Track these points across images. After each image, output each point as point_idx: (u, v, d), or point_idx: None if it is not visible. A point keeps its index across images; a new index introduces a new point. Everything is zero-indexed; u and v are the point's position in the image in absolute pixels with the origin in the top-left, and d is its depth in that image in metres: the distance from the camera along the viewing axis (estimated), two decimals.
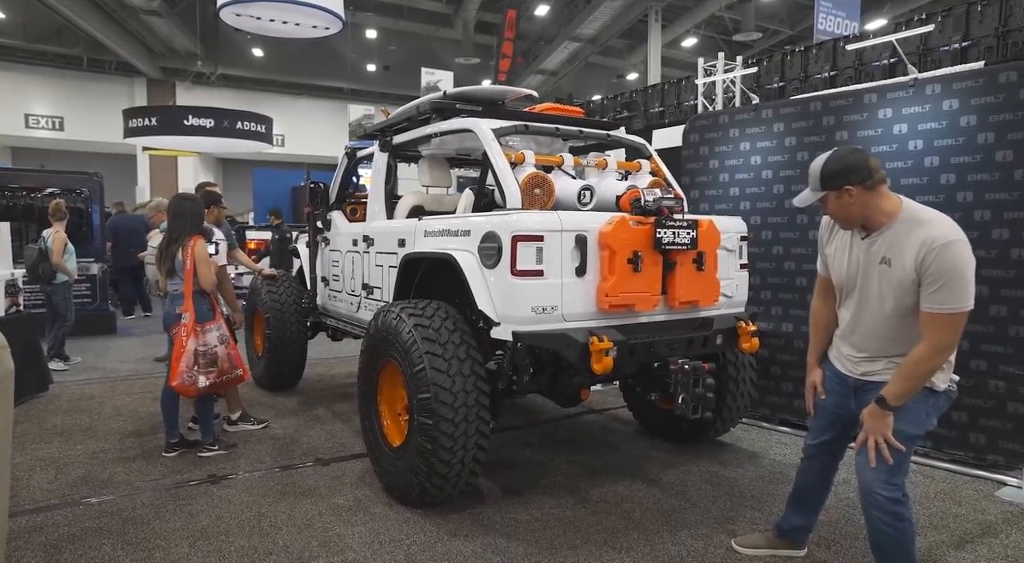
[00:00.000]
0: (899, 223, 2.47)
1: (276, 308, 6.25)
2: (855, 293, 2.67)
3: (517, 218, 3.55)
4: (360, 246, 5.17)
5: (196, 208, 4.57)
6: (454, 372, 3.57)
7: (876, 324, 2.60)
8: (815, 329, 3.03)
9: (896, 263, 2.45)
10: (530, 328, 3.53)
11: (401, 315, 3.80)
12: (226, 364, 4.46)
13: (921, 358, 2.40)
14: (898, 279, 2.45)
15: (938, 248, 2.33)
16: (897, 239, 2.47)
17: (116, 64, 28.16)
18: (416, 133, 4.76)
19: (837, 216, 2.59)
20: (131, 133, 24.20)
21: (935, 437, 4.54)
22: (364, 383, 4.27)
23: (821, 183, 2.53)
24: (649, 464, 4.63)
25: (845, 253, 2.69)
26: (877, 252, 2.53)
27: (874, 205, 2.49)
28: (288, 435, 5.16)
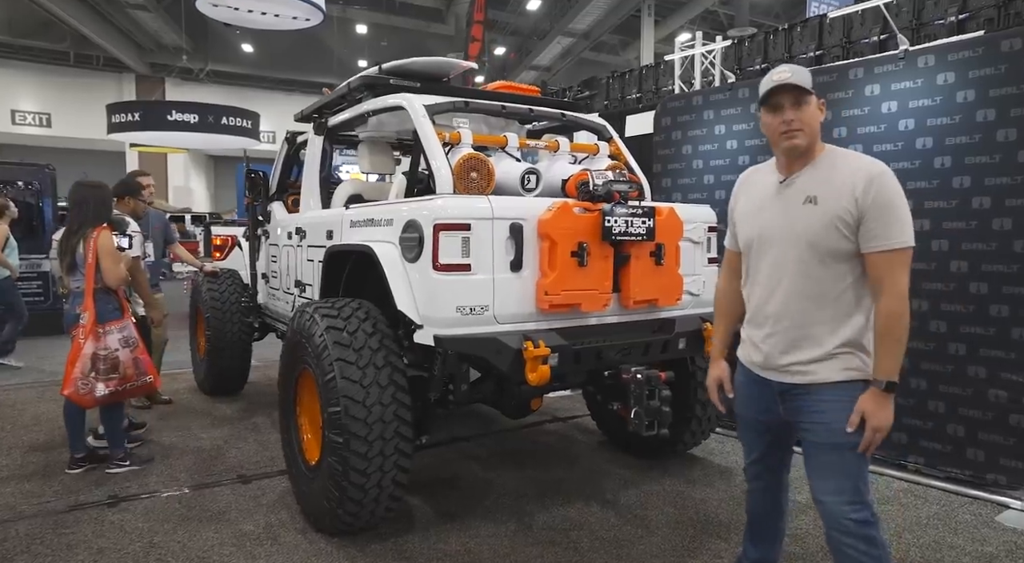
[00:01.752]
0: (824, 158, 2.17)
1: (216, 307, 5.78)
2: (767, 254, 2.24)
3: (440, 204, 3.06)
4: (294, 239, 4.68)
5: (99, 195, 4.08)
6: (369, 382, 3.09)
7: (796, 284, 2.16)
8: (719, 314, 2.60)
9: (825, 200, 2.09)
10: (455, 331, 3.04)
11: (315, 316, 3.31)
12: (130, 370, 3.97)
13: (892, 312, 2.02)
14: (828, 218, 2.07)
15: (877, 176, 2.04)
16: (823, 174, 2.13)
17: (104, 60, 27.77)
18: (350, 113, 4.28)
19: (807, 125, 2.11)
20: (114, 129, 23.80)
21: (928, 452, 4.05)
22: (283, 391, 3.80)
23: (813, 85, 2.15)
24: (608, 482, 4.14)
25: (757, 207, 2.31)
26: (799, 191, 2.16)
27: (818, 137, 2.18)
28: (215, 447, 4.67)
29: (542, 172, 3.77)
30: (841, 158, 2.13)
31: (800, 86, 2.09)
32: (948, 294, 3.93)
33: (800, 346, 2.15)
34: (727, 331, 2.55)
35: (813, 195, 2.10)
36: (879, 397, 2.03)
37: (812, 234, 2.08)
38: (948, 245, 3.92)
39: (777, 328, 2.20)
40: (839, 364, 2.11)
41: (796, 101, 2.10)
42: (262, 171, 5.46)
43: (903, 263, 2.01)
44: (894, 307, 2.00)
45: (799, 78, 2.10)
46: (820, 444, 2.14)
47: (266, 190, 5.47)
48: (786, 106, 2.11)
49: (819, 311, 2.12)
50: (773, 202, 2.22)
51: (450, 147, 3.63)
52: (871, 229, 2.01)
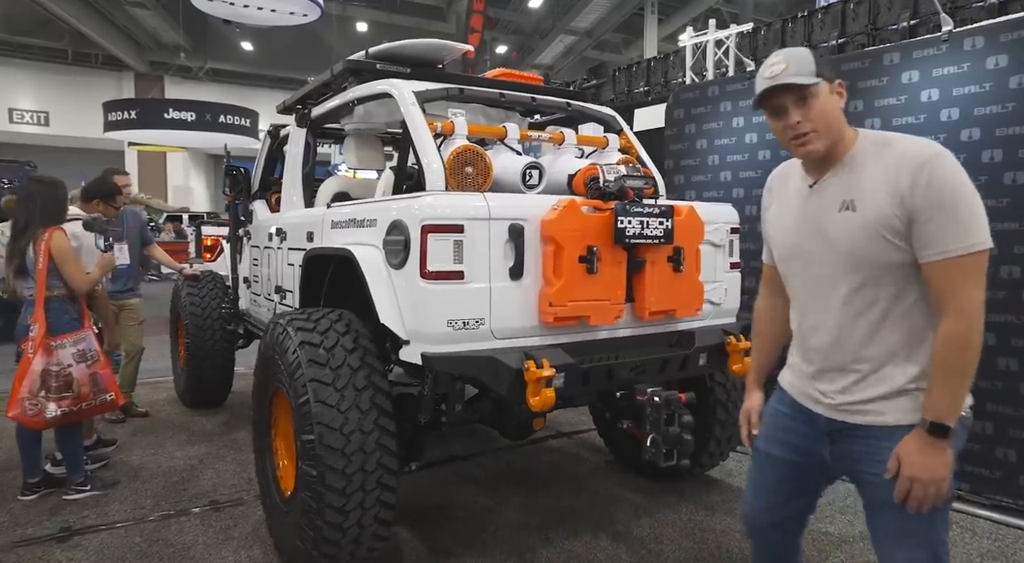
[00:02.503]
0: (859, 150, 1.70)
1: (196, 313, 5.39)
2: (807, 274, 1.82)
3: (429, 202, 2.67)
4: (274, 241, 4.29)
5: (49, 192, 3.68)
6: (347, 406, 2.70)
7: (847, 310, 1.72)
8: (757, 337, 2.16)
9: (865, 203, 1.65)
10: (446, 349, 2.65)
11: (288, 329, 2.92)
12: (86, 388, 3.58)
13: (952, 335, 1.57)
14: (872, 227, 1.63)
15: (928, 161, 1.56)
16: (861, 171, 1.68)
17: (102, 58, 27.53)
18: (334, 103, 3.88)
19: (821, 121, 1.68)
20: (111, 127, 23.57)
21: (973, 478, 3.65)
22: (257, 412, 3.40)
23: (817, 67, 1.67)
24: (618, 509, 3.75)
25: (789, 215, 1.86)
26: (833, 197, 1.72)
27: (845, 125, 1.73)
28: (189, 467, 4.28)
29: (546, 167, 3.38)
30: (881, 146, 1.66)
31: (798, 83, 1.65)
32: (998, 303, 3.52)
33: (860, 382, 1.72)
34: (766, 355, 2.13)
35: (850, 199, 1.67)
36: (922, 440, 1.58)
37: (856, 248, 1.66)
38: (999, 248, 3.51)
39: (829, 364, 1.77)
40: (912, 402, 1.65)
41: (799, 98, 1.67)
42: (243, 167, 5.07)
43: (973, 272, 1.55)
44: (957, 329, 1.56)
45: (796, 69, 1.66)
46: (886, 503, 1.67)
47: (248, 187, 5.08)
48: (789, 107, 1.68)
49: (880, 339, 1.68)
50: (806, 210, 1.79)
51: (442, 139, 3.24)
52: (925, 232, 1.56)
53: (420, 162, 3.07)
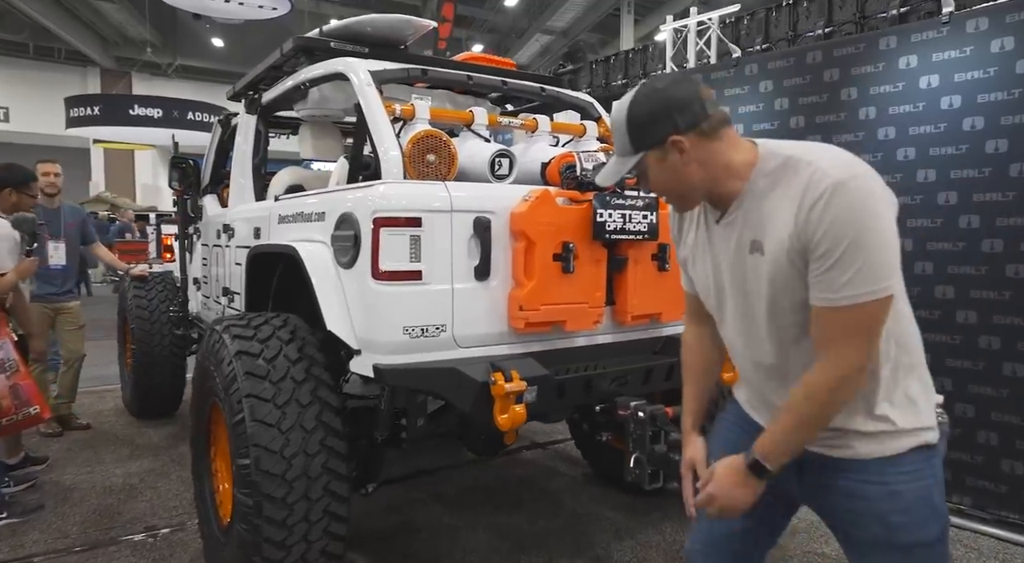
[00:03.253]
0: (759, 178, 1.42)
1: (142, 316, 5.01)
2: (734, 320, 1.57)
3: (382, 192, 2.35)
4: (222, 238, 3.93)
5: None
6: (289, 425, 2.36)
7: (786, 358, 1.47)
8: (687, 372, 1.79)
9: (772, 243, 1.38)
10: (401, 359, 2.32)
11: (223, 336, 2.58)
12: (7, 401, 3.19)
13: (816, 387, 1.34)
14: (782, 269, 1.38)
15: (826, 192, 1.29)
16: (762, 204, 1.41)
17: (66, 52, 26.68)
18: (285, 86, 3.53)
19: (669, 190, 1.49)
20: (73, 123, 22.87)
21: (976, 492, 3.40)
22: (195, 429, 3.05)
23: (632, 139, 1.43)
24: (597, 530, 3.44)
25: (704, 253, 1.60)
26: (742, 236, 1.46)
27: (719, 161, 1.42)
28: (127, 487, 3.90)
29: (517, 156, 3.06)
30: (786, 170, 1.37)
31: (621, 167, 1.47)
32: (1003, 304, 3.28)
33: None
34: (700, 393, 1.76)
35: (757, 240, 1.41)
36: (740, 470, 1.42)
37: (774, 295, 1.41)
38: (1003, 246, 3.27)
39: (780, 390, 1.50)
40: (887, 437, 1.40)
41: (641, 172, 1.47)
42: (192, 159, 4.69)
43: (856, 326, 1.30)
44: (822, 382, 1.33)
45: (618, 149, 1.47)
46: (874, 543, 1.41)
47: (197, 181, 4.70)
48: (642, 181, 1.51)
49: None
50: (716, 248, 1.53)
51: (402, 124, 2.91)
52: (813, 271, 1.31)
53: (375, 149, 2.73)
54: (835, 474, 1.45)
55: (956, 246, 3.41)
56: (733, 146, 1.42)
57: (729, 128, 1.43)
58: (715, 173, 1.42)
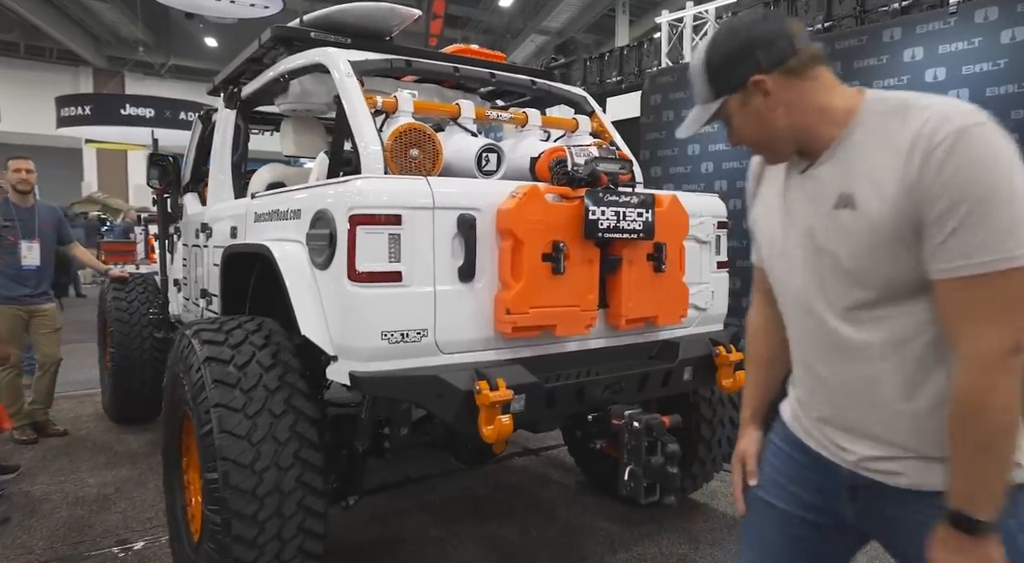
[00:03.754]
0: (862, 124, 1.20)
1: (122, 319, 4.85)
2: (795, 292, 1.34)
3: (359, 187, 2.19)
4: (200, 238, 3.77)
5: None
6: (261, 436, 2.21)
7: (847, 343, 1.25)
8: (751, 361, 1.63)
9: (868, 197, 1.16)
10: (379, 367, 2.17)
11: (193, 341, 2.42)
12: None
13: (964, 395, 1.09)
14: (878, 230, 1.15)
15: (946, 140, 1.06)
16: (863, 152, 1.18)
17: (58, 52, 26.47)
18: (264, 79, 3.38)
19: (755, 140, 1.29)
20: (64, 123, 22.64)
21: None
22: (166, 439, 2.90)
23: (711, 84, 1.26)
24: (591, 542, 3.30)
25: (774, 206, 1.38)
26: (827, 188, 1.24)
27: (810, 103, 1.22)
28: (102, 497, 3.74)
29: (506, 152, 2.92)
30: (892, 117, 1.15)
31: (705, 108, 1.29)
32: None
33: (881, 436, 1.24)
34: (764, 384, 1.60)
35: (848, 192, 1.19)
36: (946, 536, 1.12)
37: (857, 261, 1.19)
38: None
39: (837, 408, 1.30)
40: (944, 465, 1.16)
41: (723, 118, 1.30)
42: (172, 156, 4.53)
43: (995, 301, 1.06)
44: (965, 384, 1.09)
45: (699, 96, 1.30)
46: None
47: (178, 179, 4.54)
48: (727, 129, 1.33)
49: (896, 382, 1.20)
50: (792, 205, 1.33)
51: (384, 117, 2.77)
52: (933, 238, 1.08)
53: (355, 143, 2.59)
54: (897, 503, 1.23)
55: None
56: (828, 87, 1.23)
57: (823, 67, 1.24)
58: (806, 118, 1.22)
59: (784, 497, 1.43)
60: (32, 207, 4.55)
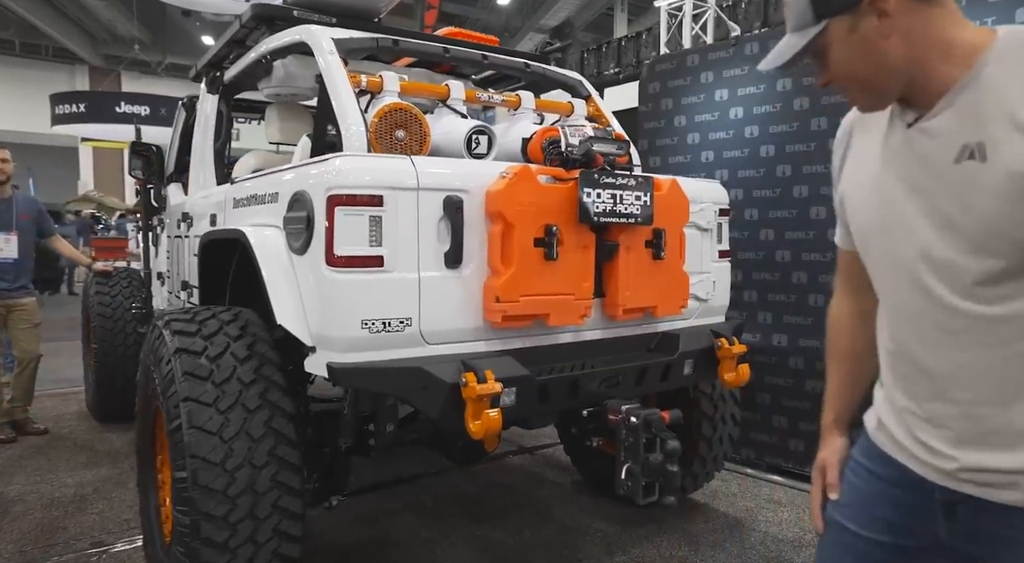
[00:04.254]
0: (996, 61, 0.98)
1: (105, 314, 4.71)
2: (902, 267, 1.12)
3: (338, 166, 2.05)
4: (182, 228, 3.63)
5: None
6: (233, 433, 2.07)
7: (973, 326, 1.04)
8: (834, 357, 1.42)
9: (1004, 146, 0.96)
10: (359, 358, 2.04)
11: (164, 332, 2.28)
12: None
13: None
14: (1013, 178, 0.95)
15: None
16: (997, 93, 0.97)
17: (53, 49, 26.30)
18: (247, 60, 3.24)
19: (856, 75, 1.07)
20: (59, 121, 22.53)
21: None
22: (139, 436, 2.77)
23: (813, 3, 1.04)
24: (587, 543, 3.16)
25: (872, 171, 1.17)
26: (946, 140, 1.02)
27: (934, 35, 1.01)
28: (79, 498, 3.60)
29: (499, 135, 2.78)
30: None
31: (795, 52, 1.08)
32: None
33: (995, 439, 1.05)
34: (847, 384, 1.39)
35: (976, 142, 0.98)
36: None
37: (986, 221, 0.98)
38: None
39: (946, 406, 1.10)
40: None
41: (813, 55, 1.09)
42: (155, 146, 4.39)
43: None
44: None
45: (794, 23, 1.08)
46: None
47: (161, 169, 4.40)
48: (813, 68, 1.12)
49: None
50: (899, 164, 1.10)
51: (370, 97, 2.63)
52: None
53: (337, 123, 2.45)
54: (1007, 523, 1.07)
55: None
56: (956, 20, 1.02)
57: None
58: (925, 51, 1.01)
59: (862, 521, 1.25)
60: (10, 198, 4.41)
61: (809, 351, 3.71)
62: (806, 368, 3.74)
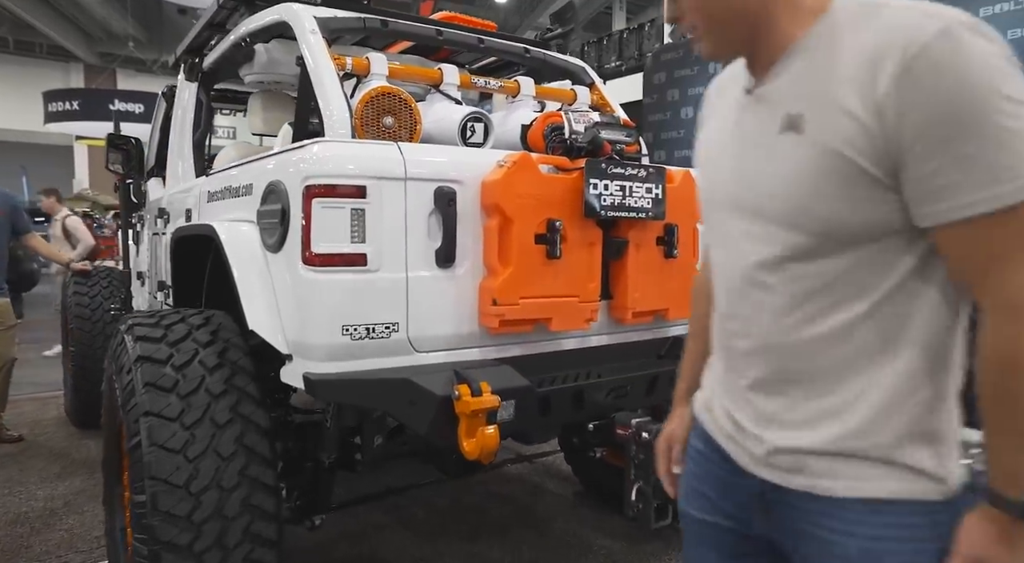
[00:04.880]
0: (827, 24, 0.92)
1: (83, 315, 4.49)
2: (724, 235, 1.07)
3: (316, 153, 1.84)
4: (159, 225, 3.42)
5: None
6: (199, 451, 1.85)
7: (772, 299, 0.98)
8: (691, 324, 1.35)
9: (819, 118, 0.89)
10: (339, 367, 1.82)
11: (126, 338, 2.07)
12: None
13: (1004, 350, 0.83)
14: (827, 158, 0.88)
15: (928, 45, 0.80)
16: (823, 61, 0.90)
17: (48, 47, 26.09)
18: (226, 45, 3.02)
19: (704, 12, 0.98)
20: (52, 118, 22.31)
21: None
22: (106, 449, 2.55)
23: None
24: (590, 561, 2.95)
25: (718, 139, 1.10)
26: (773, 108, 0.96)
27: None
28: (48, 512, 3.38)
29: (497, 124, 2.57)
30: (861, 17, 0.89)
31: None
32: None
33: (788, 418, 0.99)
34: (703, 352, 1.25)
35: (796, 113, 0.92)
36: (996, 525, 0.86)
37: (798, 195, 0.91)
38: None
39: (749, 381, 1.04)
40: (867, 466, 0.93)
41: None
42: (135, 139, 4.17)
43: (1016, 240, 0.82)
44: (1005, 337, 0.83)
45: None
46: None
47: (141, 163, 4.18)
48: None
49: (826, 353, 0.95)
50: (736, 132, 1.04)
51: (356, 82, 2.42)
52: (924, 173, 0.82)
53: (319, 108, 2.23)
54: (803, 511, 0.99)
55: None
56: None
57: None
58: (771, 3, 0.93)
59: (706, 507, 1.16)
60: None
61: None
62: None
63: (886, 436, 0.92)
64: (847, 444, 0.93)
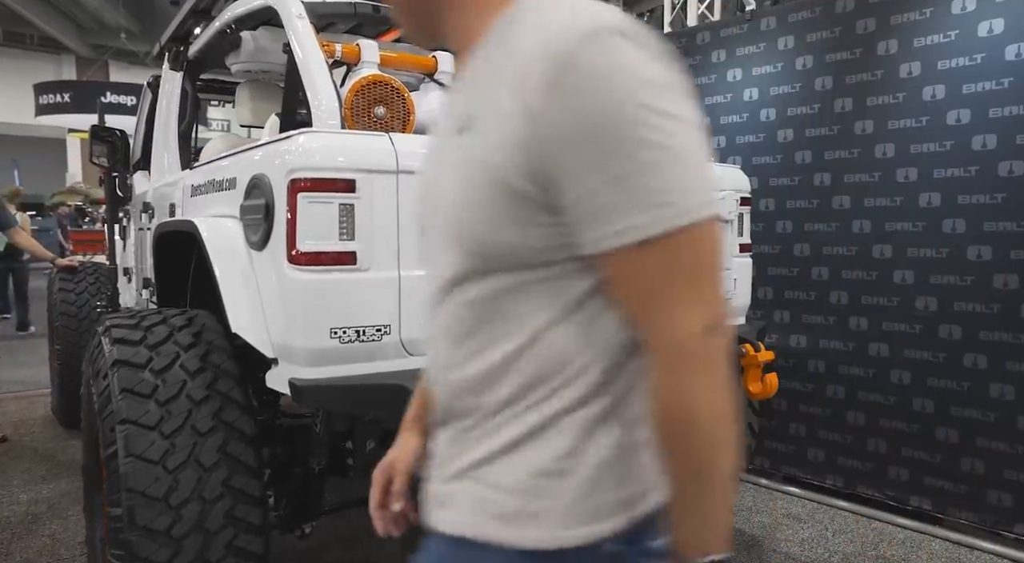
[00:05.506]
0: (509, 19, 0.79)
1: (68, 312, 4.39)
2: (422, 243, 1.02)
3: (302, 145, 1.73)
4: (143, 219, 3.30)
5: None
6: (179, 461, 1.75)
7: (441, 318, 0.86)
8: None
9: (484, 124, 0.76)
10: (327, 373, 1.72)
11: (103, 340, 1.96)
12: None
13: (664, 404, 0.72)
14: (486, 167, 0.74)
15: (572, 52, 0.68)
16: (492, 63, 0.78)
17: (39, 38, 25.82)
18: (211, 32, 2.90)
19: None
20: (43, 111, 22.13)
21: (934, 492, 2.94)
22: (86, 455, 2.44)
23: None
24: None
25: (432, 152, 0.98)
26: (456, 110, 0.84)
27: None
28: (31, 516, 3.27)
29: None
30: (527, 15, 0.77)
31: None
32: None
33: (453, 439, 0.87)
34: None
35: (467, 114, 0.81)
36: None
37: (458, 210, 0.79)
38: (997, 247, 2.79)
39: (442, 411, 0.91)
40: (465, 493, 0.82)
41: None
42: (120, 131, 4.04)
43: (678, 271, 0.71)
44: (662, 390, 0.72)
45: None
46: None
47: (126, 156, 4.05)
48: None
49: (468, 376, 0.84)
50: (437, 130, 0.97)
51: (346, 70, 2.31)
52: (576, 195, 0.71)
53: (307, 97, 2.11)
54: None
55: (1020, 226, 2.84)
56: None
57: None
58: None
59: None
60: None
61: (830, 353, 3.42)
62: (827, 371, 3.45)
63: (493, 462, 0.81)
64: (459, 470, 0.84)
